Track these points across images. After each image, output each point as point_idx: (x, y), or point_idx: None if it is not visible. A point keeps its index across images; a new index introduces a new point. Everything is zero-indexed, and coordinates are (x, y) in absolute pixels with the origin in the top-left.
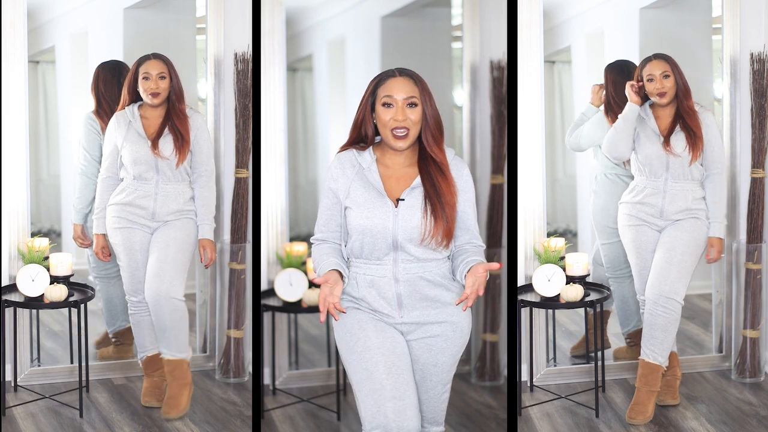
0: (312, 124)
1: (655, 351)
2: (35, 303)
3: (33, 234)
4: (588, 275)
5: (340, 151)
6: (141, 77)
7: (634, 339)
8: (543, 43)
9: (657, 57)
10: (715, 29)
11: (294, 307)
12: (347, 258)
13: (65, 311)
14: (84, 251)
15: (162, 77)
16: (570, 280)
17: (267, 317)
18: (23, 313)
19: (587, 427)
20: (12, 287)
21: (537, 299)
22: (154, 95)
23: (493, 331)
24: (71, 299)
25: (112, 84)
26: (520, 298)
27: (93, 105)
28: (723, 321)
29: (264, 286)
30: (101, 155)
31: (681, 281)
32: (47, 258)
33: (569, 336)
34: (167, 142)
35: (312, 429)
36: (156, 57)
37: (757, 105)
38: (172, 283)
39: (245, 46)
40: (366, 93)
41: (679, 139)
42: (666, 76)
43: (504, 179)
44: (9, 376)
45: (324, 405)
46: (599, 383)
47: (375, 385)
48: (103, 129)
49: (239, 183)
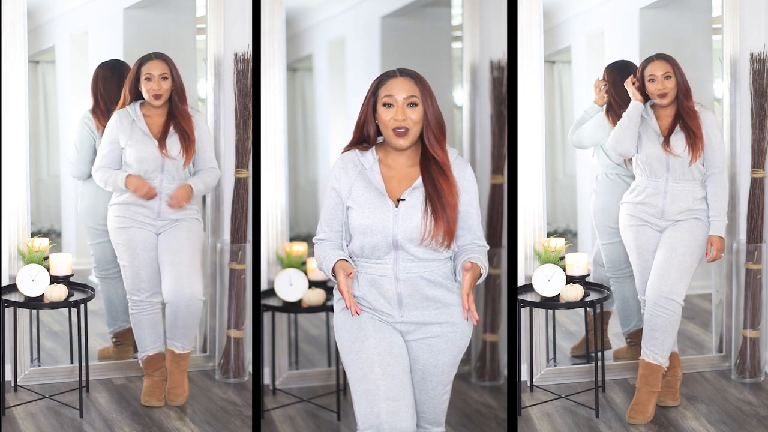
0: (312, 124)
1: (656, 351)
2: (35, 303)
3: (33, 234)
4: (588, 275)
5: (343, 152)
6: (143, 78)
7: (634, 339)
8: (543, 43)
9: (659, 57)
10: (715, 29)
11: (294, 307)
12: (349, 257)
13: (65, 311)
14: (85, 251)
15: (164, 78)
16: (570, 280)
17: (267, 317)
18: (23, 313)
19: (587, 427)
20: (12, 287)
21: (537, 299)
22: (156, 96)
23: (493, 331)
24: (71, 299)
25: (111, 83)
26: (520, 298)
27: (91, 103)
28: (723, 321)
29: (264, 286)
30: (92, 154)
31: (681, 282)
32: (47, 258)
33: (569, 336)
34: (174, 141)
35: (312, 429)
36: (158, 57)
37: (757, 105)
38: (193, 285)
39: (245, 46)
40: (368, 94)
41: (679, 140)
42: (667, 77)
43: (504, 179)
44: (9, 376)
45: (324, 405)
46: (599, 383)
47: (370, 385)
48: (98, 128)
49: (239, 183)
